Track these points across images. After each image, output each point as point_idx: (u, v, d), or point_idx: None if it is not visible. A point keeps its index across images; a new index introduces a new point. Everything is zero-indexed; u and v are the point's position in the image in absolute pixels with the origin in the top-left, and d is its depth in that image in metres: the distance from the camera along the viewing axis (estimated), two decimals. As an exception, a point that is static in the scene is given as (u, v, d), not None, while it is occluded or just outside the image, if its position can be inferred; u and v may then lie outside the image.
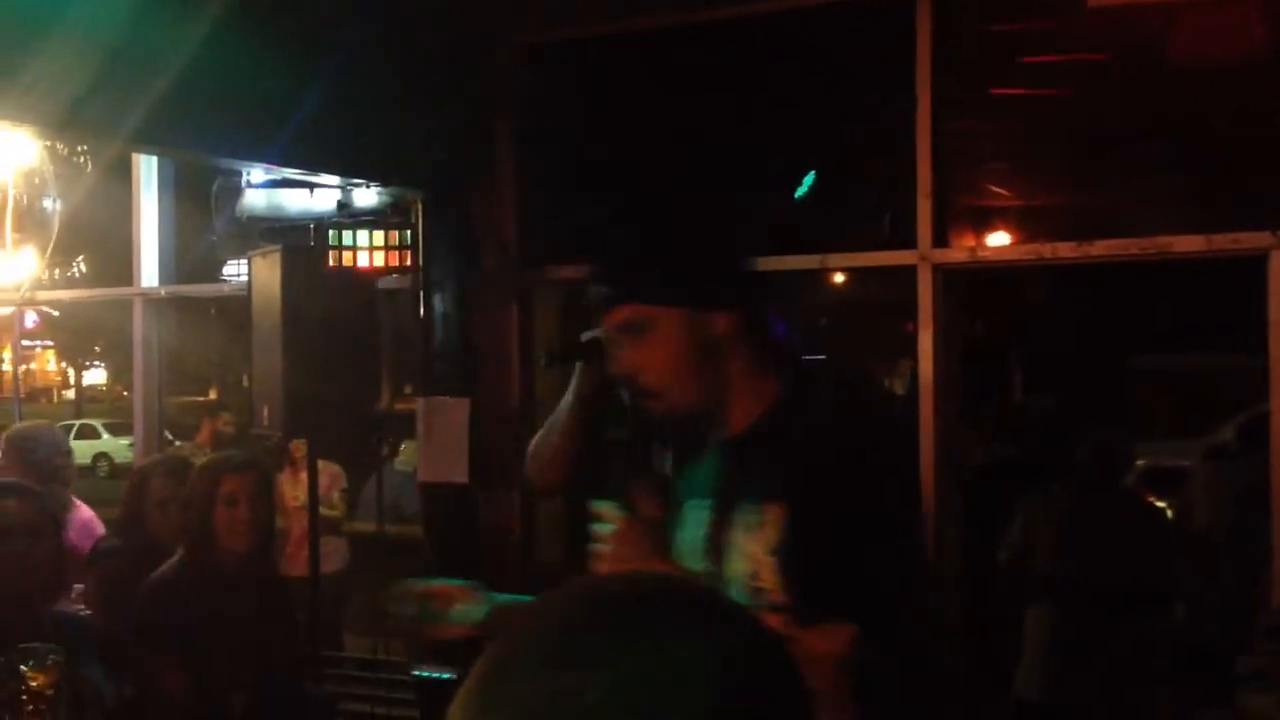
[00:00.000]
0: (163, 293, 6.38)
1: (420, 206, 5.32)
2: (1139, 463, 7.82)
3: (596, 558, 1.87)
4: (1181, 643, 4.97)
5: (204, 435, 7.30)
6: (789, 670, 0.74)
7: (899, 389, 8.37)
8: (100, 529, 4.72)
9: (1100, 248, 4.56)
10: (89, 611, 3.90)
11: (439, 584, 2.31)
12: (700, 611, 0.74)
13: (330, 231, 4.98)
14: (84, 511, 4.81)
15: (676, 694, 0.68)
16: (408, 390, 6.23)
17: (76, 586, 4.17)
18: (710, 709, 0.68)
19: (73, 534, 4.56)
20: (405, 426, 6.17)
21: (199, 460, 4.13)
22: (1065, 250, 4.63)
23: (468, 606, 2.26)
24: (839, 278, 9.05)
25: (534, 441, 2.70)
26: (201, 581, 3.41)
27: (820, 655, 1.58)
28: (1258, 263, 4.27)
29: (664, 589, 0.76)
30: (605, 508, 1.90)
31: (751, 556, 1.79)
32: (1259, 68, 4.60)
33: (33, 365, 37.18)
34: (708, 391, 1.91)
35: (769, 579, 1.78)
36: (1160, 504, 5.67)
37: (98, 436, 24.37)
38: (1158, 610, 4.86)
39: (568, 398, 2.43)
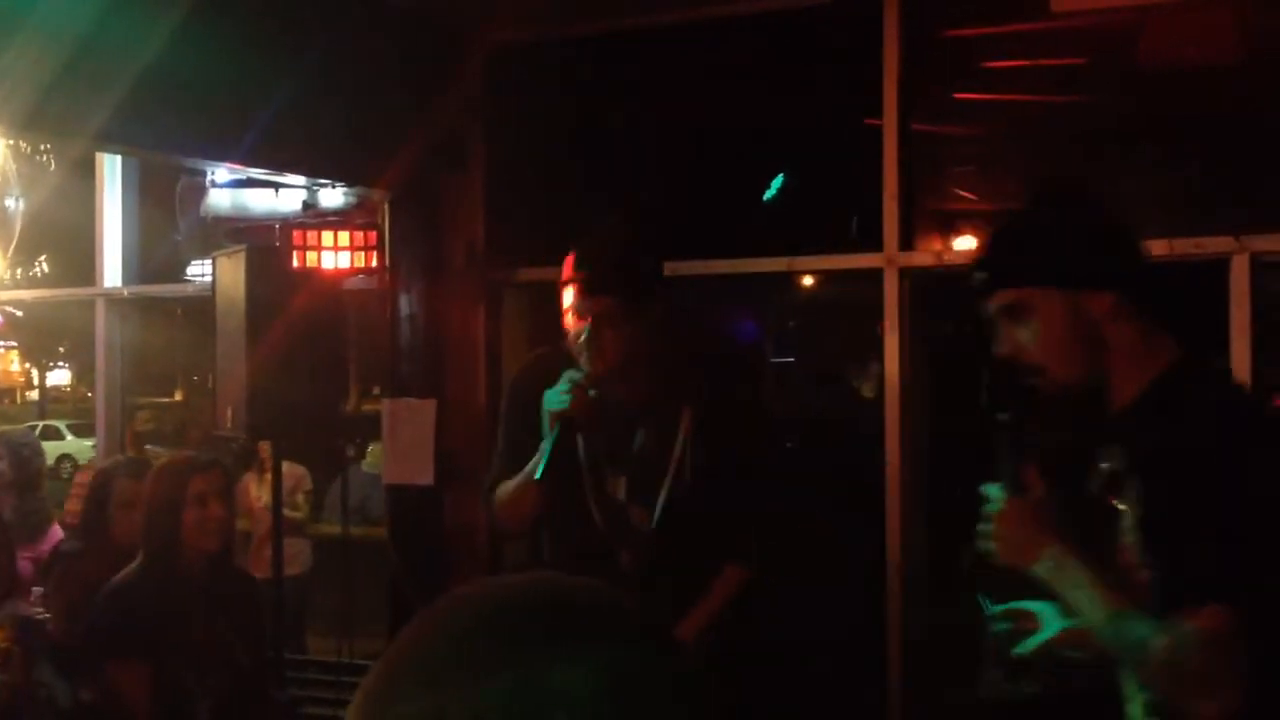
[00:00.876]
0: (126, 293, 6.32)
1: (387, 207, 5.29)
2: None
3: (984, 538, 2.05)
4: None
5: (128, 440, 7.25)
6: (684, 681, 0.72)
7: (867, 391, 8.40)
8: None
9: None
10: (47, 615, 3.85)
11: (1021, 607, 2.30)
12: (590, 622, 0.71)
13: (295, 231, 4.94)
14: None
15: (561, 708, 0.66)
16: (375, 392, 6.20)
17: (36, 590, 4.14)
18: None
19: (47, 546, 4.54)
20: (373, 428, 6.14)
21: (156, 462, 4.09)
22: (1031, 253, 4.64)
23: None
24: (808, 280, 9.06)
25: (504, 494, 2.88)
26: (166, 585, 3.38)
27: (1210, 636, 1.70)
28: (1221, 267, 4.30)
29: (554, 598, 0.73)
30: (992, 490, 2.06)
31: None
32: (1225, 72, 4.63)
33: (-4, 365, 36.85)
34: (1092, 367, 1.99)
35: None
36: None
37: (61, 438, 24.15)
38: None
39: (543, 461, 2.72)
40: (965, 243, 5.55)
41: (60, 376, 37.31)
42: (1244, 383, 2.14)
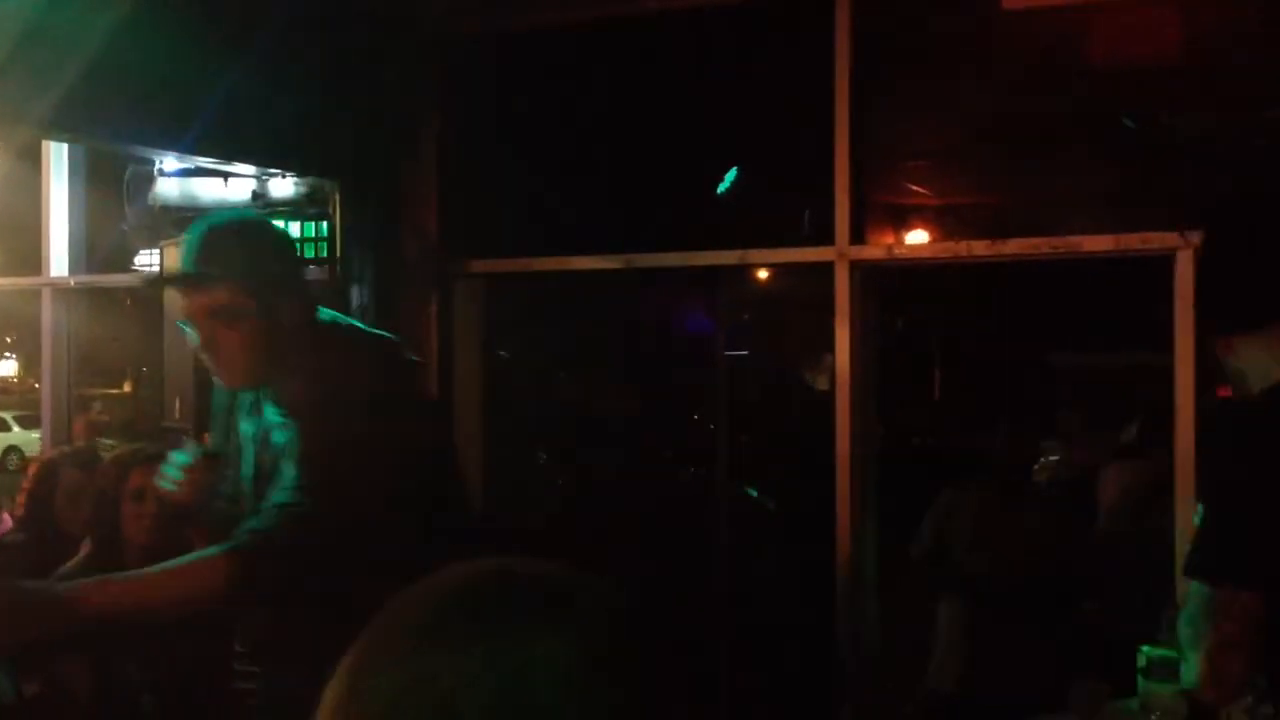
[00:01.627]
0: (72, 283, 6.25)
1: (338, 197, 5.26)
2: (1053, 459, 7.96)
3: None
4: (1092, 636, 5.06)
5: (78, 427, 7.18)
6: (651, 660, 0.74)
7: (821, 384, 8.44)
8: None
9: (1013, 246, 4.63)
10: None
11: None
12: (562, 599, 0.73)
13: (245, 221, 4.90)
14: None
15: (534, 681, 0.68)
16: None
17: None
18: (566, 696, 0.68)
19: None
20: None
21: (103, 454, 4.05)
22: (979, 248, 4.69)
23: None
24: (761, 273, 9.09)
25: None
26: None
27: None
28: (1166, 262, 4.36)
29: (526, 576, 0.76)
30: None
31: None
32: (1172, 71, 4.69)
33: (-58, 356, 36.31)
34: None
35: None
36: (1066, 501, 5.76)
37: (8, 429, 23.86)
38: (1069, 604, 4.94)
39: None
40: (916, 236, 5.59)
41: (7, 367, 36.85)
42: None
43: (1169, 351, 4.31)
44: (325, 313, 2.67)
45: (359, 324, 3.00)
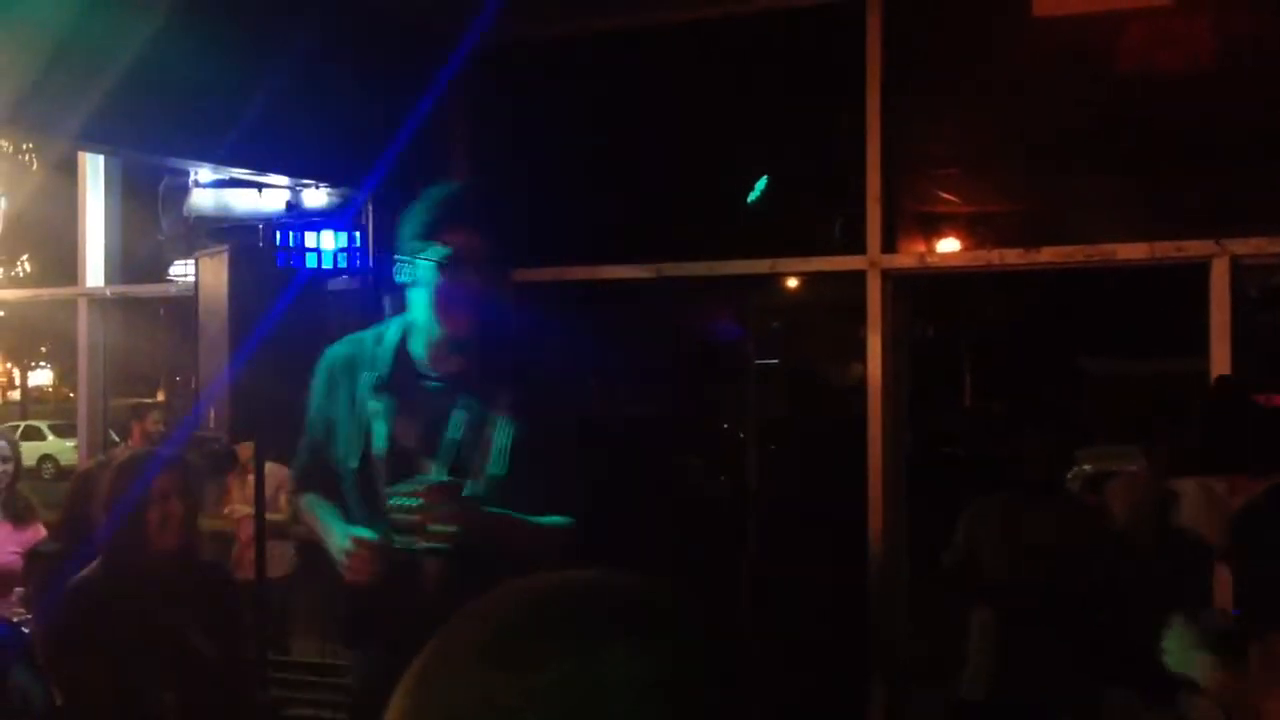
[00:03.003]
0: (108, 293, 6.30)
1: (370, 207, 5.28)
2: (1086, 467, 7.90)
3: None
4: (1125, 644, 5.02)
5: (135, 437, 7.22)
6: (730, 682, 0.72)
7: (852, 392, 8.42)
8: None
9: (1047, 254, 4.61)
10: (28, 615, 3.84)
11: None
12: (648, 615, 0.72)
13: (279, 232, 4.93)
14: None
15: (605, 702, 0.67)
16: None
17: (17, 590, 4.12)
18: (640, 716, 0.67)
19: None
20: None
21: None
22: (1012, 257, 4.67)
23: None
24: (792, 281, 9.09)
25: (311, 518, 2.94)
26: (127, 582, 3.35)
27: None
28: (1202, 270, 4.33)
29: (611, 591, 0.74)
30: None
31: None
32: (1205, 77, 4.66)
33: (-23, 365, 36.66)
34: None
35: None
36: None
37: (43, 438, 24.04)
38: (1101, 612, 4.90)
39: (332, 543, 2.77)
40: (948, 245, 5.57)
41: (42, 377, 37.15)
42: None
43: (1204, 357, 4.29)
44: None
45: None
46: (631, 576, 0.76)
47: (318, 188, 5.18)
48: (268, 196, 5.18)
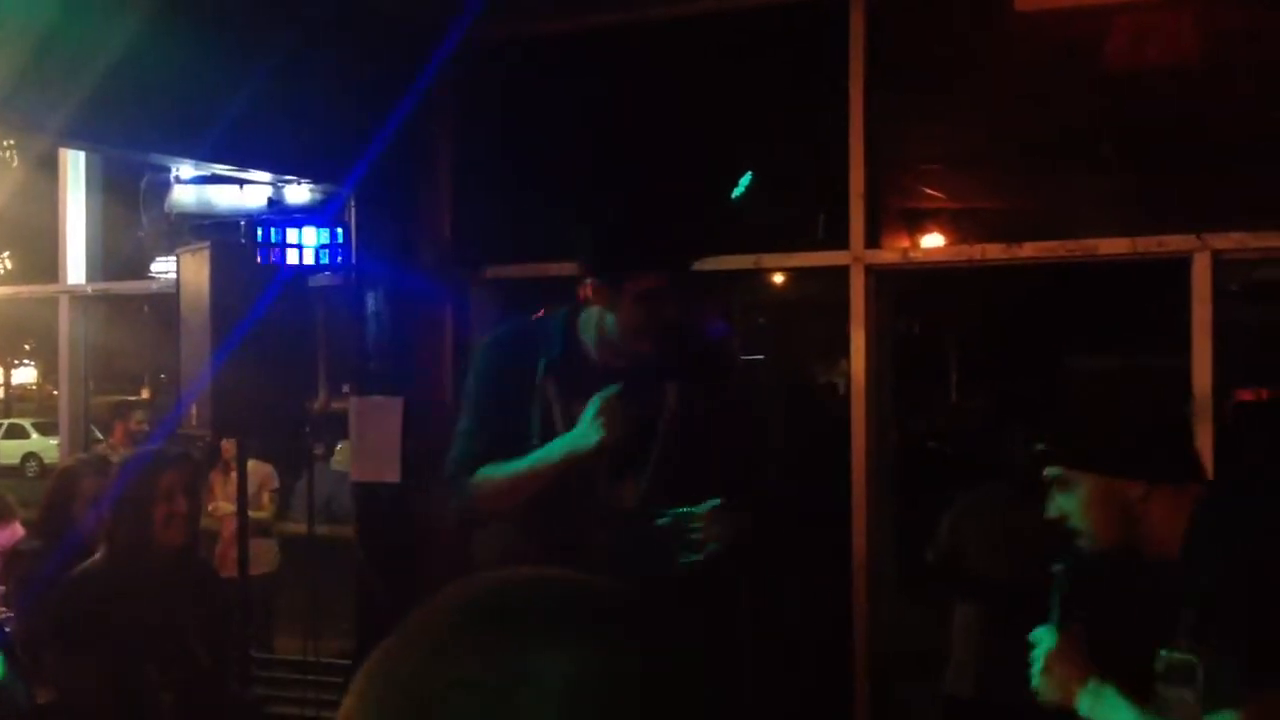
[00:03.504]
0: (89, 290, 6.28)
1: (353, 204, 5.27)
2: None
3: (1033, 676, 2.45)
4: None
5: (117, 435, 7.19)
6: (677, 682, 0.72)
7: (837, 388, 8.43)
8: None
9: (1029, 249, 4.61)
10: (9, 614, 3.83)
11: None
12: (578, 613, 0.72)
13: (261, 228, 4.92)
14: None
15: (531, 692, 0.67)
16: (345, 390, 6.19)
17: (-1, 588, 4.10)
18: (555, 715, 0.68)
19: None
20: (342, 426, 6.12)
21: (116, 459, 4.06)
22: (995, 252, 4.68)
23: None
24: (777, 277, 9.09)
25: (499, 479, 2.77)
26: (129, 579, 3.35)
27: None
28: (1183, 265, 4.34)
29: (545, 589, 0.75)
30: (1041, 633, 2.46)
31: None
32: (1188, 73, 4.67)
33: (-40, 364, 36.48)
34: (1123, 535, 2.33)
35: None
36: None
37: (26, 436, 23.97)
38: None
39: (555, 462, 2.69)
40: (931, 240, 5.58)
41: (26, 374, 37.00)
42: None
43: (1186, 354, 4.30)
44: None
45: None
46: (569, 575, 0.76)
47: (300, 184, 5.17)
48: (249, 193, 5.17)
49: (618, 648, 0.71)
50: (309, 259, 5.06)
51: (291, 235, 4.99)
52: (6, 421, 24.19)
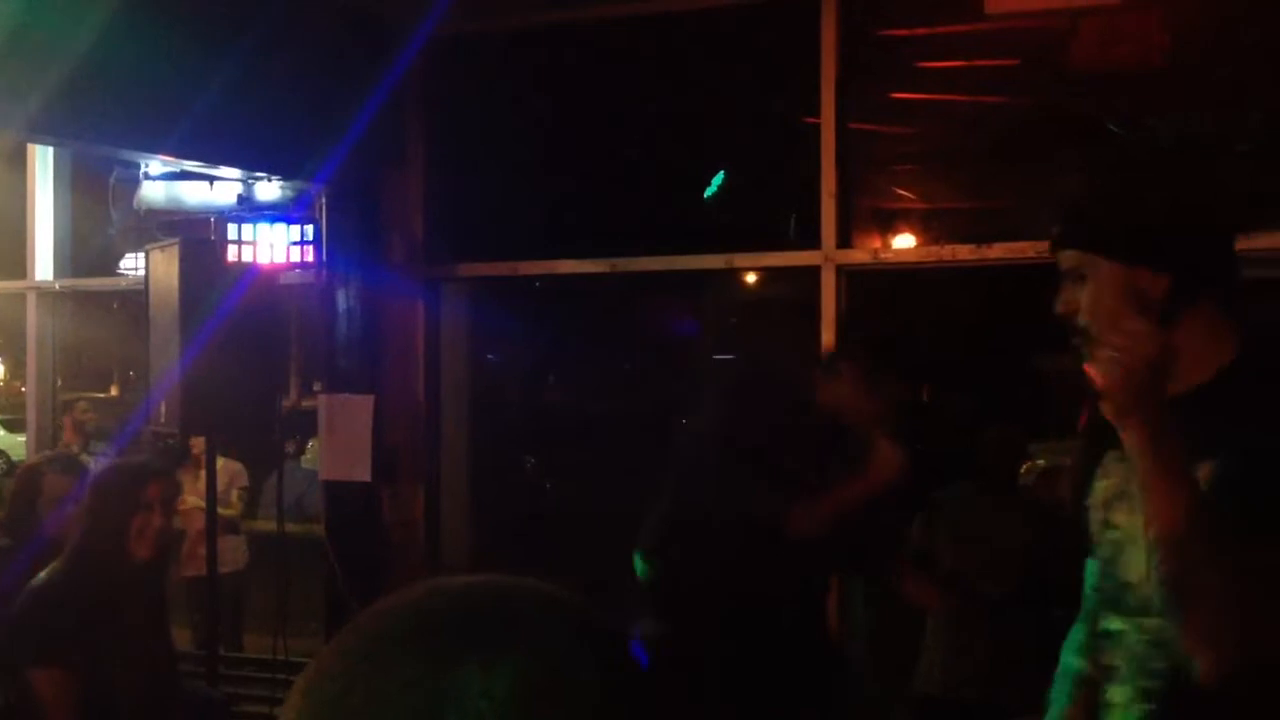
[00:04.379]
0: (58, 286, 6.23)
1: (324, 201, 5.25)
2: (1040, 462, 7.95)
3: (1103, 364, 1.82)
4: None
5: (67, 431, 7.12)
6: (609, 689, 0.71)
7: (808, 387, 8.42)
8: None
9: (998, 250, 4.64)
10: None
11: None
12: (513, 625, 0.72)
13: (230, 225, 4.90)
14: None
15: (456, 707, 0.67)
16: (316, 387, 6.17)
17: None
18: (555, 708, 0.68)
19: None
20: (314, 424, 6.10)
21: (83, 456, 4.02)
22: (964, 253, 4.70)
23: None
24: (749, 277, 9.10)
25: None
26: (94, 586, 3.32)
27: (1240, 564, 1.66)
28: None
29: (484, 599, 0.74)
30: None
31: None
32: (1157, 74, 4.70)
33: (-73, 360, 36.12)
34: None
35: None
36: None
37: (-6, 433, 23.74)
38: (1059, 606, 4.93)
39: None
40: (902, 241, 5.60)
41: (-6, 371, 36.67)
42: None
43: None
44: None
45: None
46: (503, 582, 0.76)
47: (270, 181, 5.15)
48: (219, 190, 5.14)
49: (545, 662, 0.70)
50: (279, 256, 5.05)
51: (262, 232, 4.97)
52: (-26, 418, 23.93)
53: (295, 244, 5.05)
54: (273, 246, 5.00)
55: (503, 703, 0.68)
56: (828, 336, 4.74)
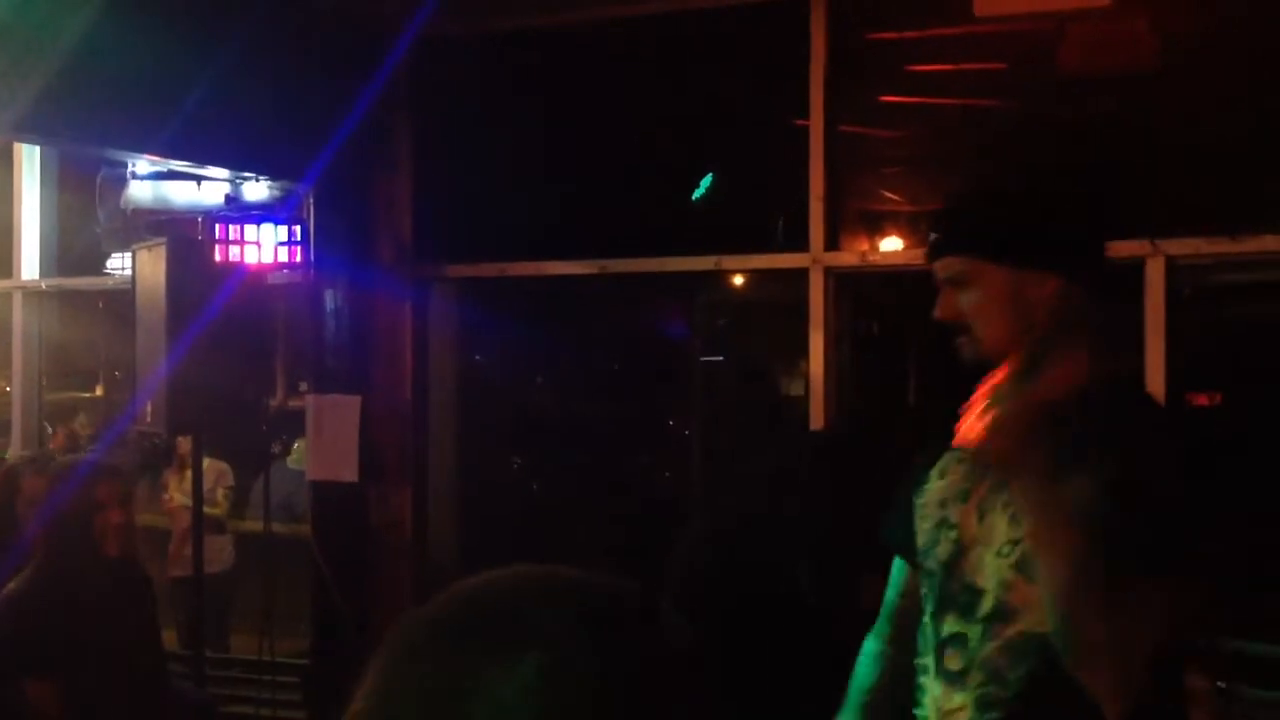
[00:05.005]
0: (44, 285, 6.22)
1: (312, 201, 5.24)
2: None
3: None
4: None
5: (58, 439, 7.08)
6: (624, 689, 0.71)
7: (796, 389, 8.45)
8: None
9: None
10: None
11: None
12: (537, 620, 0.72)
13: (218, 225, 4.89)
14: None
15: (481, 703, 0.68)
16: (303, 387, 6.16)
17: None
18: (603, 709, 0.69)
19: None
20: (300, 424, 6.09)
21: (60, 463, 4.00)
22: (953, 255, 4.70)
23: None
24: (737, 279, 9.11)
25: None
26: (65, 592, 3.31)
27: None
28: (1136, 269, 4.39)
29: (514, 592, 0.74)
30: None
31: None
32: (1145, 78, 4.72)
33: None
34: (1019, 342, 1.90)
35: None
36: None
37: (-21, 433, 23.65)
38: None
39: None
40: (890, 243, 5.61)
41: (-21, 370, 36.53)
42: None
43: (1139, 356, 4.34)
44: None
45: None
46: (518, 575, 0.76)
47: (258, 181, 5.14)
48: (207, 189, 5.13)
49: (582, 658, 0.70)
50: (267, 256, 5.04)
51: (249, 232, 4.96)
52: (-41, 418, 23.85)
53: (283, 244, 5.04)
54: (260, 247, 4.99)
55: (528, 694, 0.68)
56: (816, 339, 4.74)
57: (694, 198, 5.73)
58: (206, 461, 5.61)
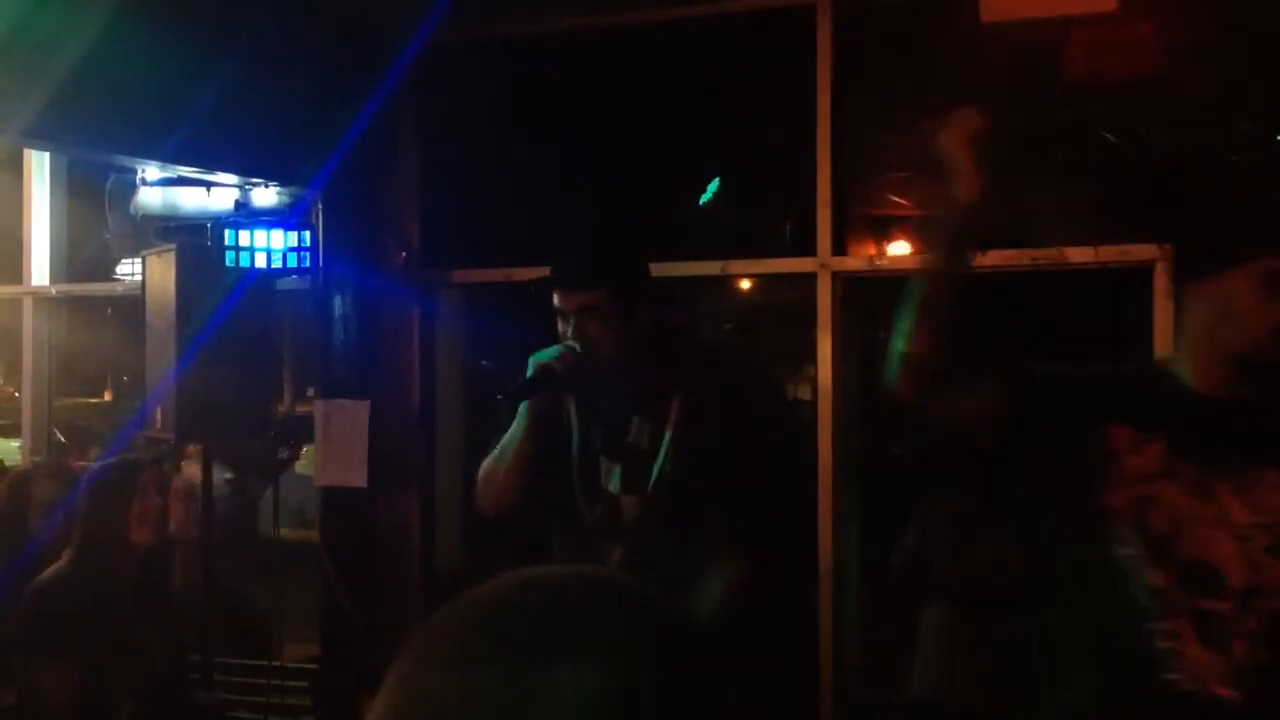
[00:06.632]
0: (54, 291, 6.23)
1: (320, 207, 5.26)
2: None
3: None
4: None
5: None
6: (689, 690, 0.71)
7: (804, 394, 8.44)
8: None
9: (993, 257, 4.64)
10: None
11: None
12: (600, 621, 0.72)
13: (227, 231, 4.90)
14: None
15: (547, 703, 0.67)
16: (310, 393, 6.16)
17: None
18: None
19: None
20: (308, 429, 6.10)
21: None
22: (960, 259, 4.69)
23: None
24: (744, 284, 9.11)
25: (484, 467, 2.84)
26: (97, 581, 3.34)
27: None
28: (1146, 273, 4.39)
29: (573, 593, 0.74)
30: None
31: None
32: (1151, 84, 4.72)
33: (-79, 365, 36.08)
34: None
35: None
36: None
37: (-12, 438, 23.69)
38: (1052, 611, 4.93)
39: (521, 423, 2.83)
40: (898, 248, 5.61)
41: (-12, 376, 36.62)
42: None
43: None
44: None
45: None
46: (604, 576, 0.75)
47: (267, 186, 5.15)
48: (216, 195, 5.14)
49: (639, 661, 0.70)
50: (275, 262, 5.05)
51: (258, 238, 4.97)
52: (-32, 424, 23.88)
53: (292, 250, 5.05)
54: (269, 253, 5.00)
55: (592, 698, 0.68)
56: (823, 343, 4.75)
57: (700, 202, 5.74)
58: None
